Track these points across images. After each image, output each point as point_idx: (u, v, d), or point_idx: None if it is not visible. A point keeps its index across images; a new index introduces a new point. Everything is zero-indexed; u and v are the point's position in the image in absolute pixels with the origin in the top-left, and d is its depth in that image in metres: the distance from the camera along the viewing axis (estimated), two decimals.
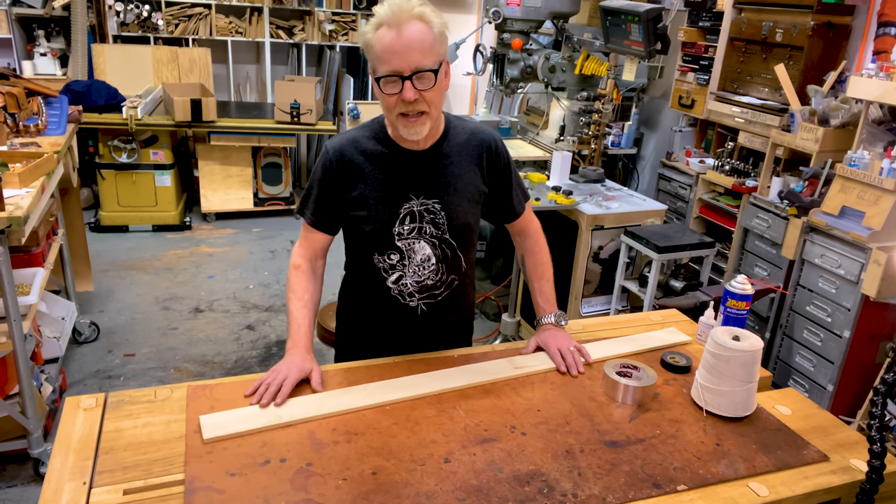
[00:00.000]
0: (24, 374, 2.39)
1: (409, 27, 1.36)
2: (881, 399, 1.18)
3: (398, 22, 1.36)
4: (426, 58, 1.38)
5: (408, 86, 1.38)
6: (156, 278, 4.31)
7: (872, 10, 3.32)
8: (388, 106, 1.44)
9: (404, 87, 1.38)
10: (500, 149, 1.64)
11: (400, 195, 1.54)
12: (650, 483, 1.23)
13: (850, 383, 2.87)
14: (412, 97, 1.39)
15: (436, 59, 1.40)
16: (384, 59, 1.38)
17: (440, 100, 1.47)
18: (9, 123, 2.90)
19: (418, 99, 1.40)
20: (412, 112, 1.42)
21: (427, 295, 1.62)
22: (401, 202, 1.54)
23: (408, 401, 1.43)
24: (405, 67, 1.37)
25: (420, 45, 1.37)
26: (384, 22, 1.37)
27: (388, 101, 1.42)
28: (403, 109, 1.42)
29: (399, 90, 1.39)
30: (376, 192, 1.54)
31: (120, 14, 5.40)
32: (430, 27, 1.39)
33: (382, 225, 1.55)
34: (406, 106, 1.41)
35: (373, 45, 1.39)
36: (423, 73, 1.38)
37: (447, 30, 1.44)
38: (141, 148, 4.85)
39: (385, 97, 1.42)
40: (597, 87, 3.74)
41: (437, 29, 1.40)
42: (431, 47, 1.39)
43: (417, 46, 1.37)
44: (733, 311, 1.66)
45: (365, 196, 1.54)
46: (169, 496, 1.13)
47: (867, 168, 2.75)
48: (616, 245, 3.29)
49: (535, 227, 1.78)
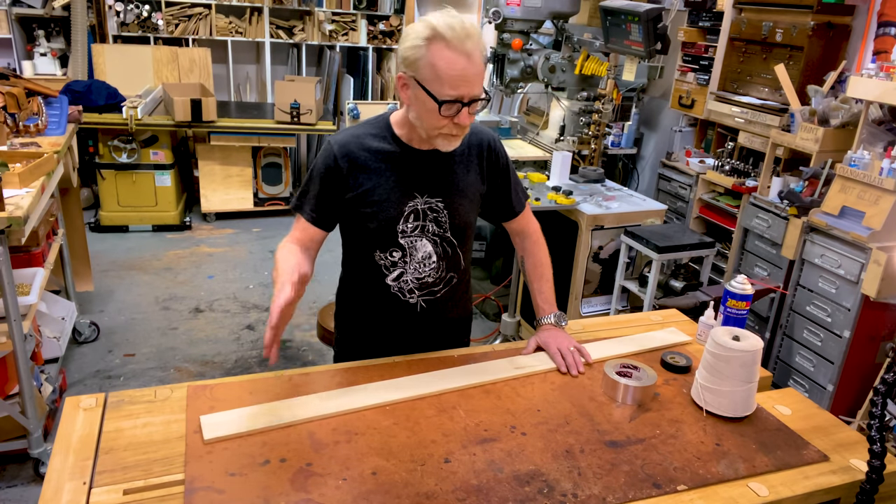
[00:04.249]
0: (24, 374, 2.39)
1: (474, 54, 1.37)
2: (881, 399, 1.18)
3: (463, 46, 1.34)
4: (483, 84, 1.41)
5: (465, 112, 1.40)
6: (156, 278, 4.31)
7: (872, 10, 3.32)
8: (435, 125, 1.43)
9: (461, 112, 1.40)
10: (498, 148, 1.66)
11: (405, 193, 1.55)
12: (650, 483, 1.23)
13: (850, 383, 2.87)
14: (468, 122, 1.42)
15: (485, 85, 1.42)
16: (453, 85, 1.36)
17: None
18: (9, 123, 2.90)
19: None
20: (458, 133, 1.45)
21: (427, 292, 1.63)
22: (405, 200, 1.55)
23: (408, 401, 1.43)
24: (469, 95, 1.39)
25: (482, 75, 1.40)
26: (446, 39, 1.34)
27: (440, 122, 1.42)
28: (453, 131, 1.44)
29: (455, 113, 1.41)
30: (381, 190, 1.54)
31: (120, 14, 5.40)
32: (483, 53, 1.40)
33: (387, 222, 1.55)
34: (456, 129, 1.43)
35: (435, 65, 1.36)
36: (478, 101, 1.41)
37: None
38: (141, 148, 4.85)
39: (437, 117, 1.41)
40: (597, 87, 3.74)
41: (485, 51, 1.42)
42: (485, 74, 1.42)
43: (481, 76, 1.39)
44: (733, 311, 1.66)
45: (369, 193, 1.54)
46: (169, 496, 1.13)
47: (867, 168, 2.75)
48: (616, 245, 3.29)
49: (534, 228, 1.79)
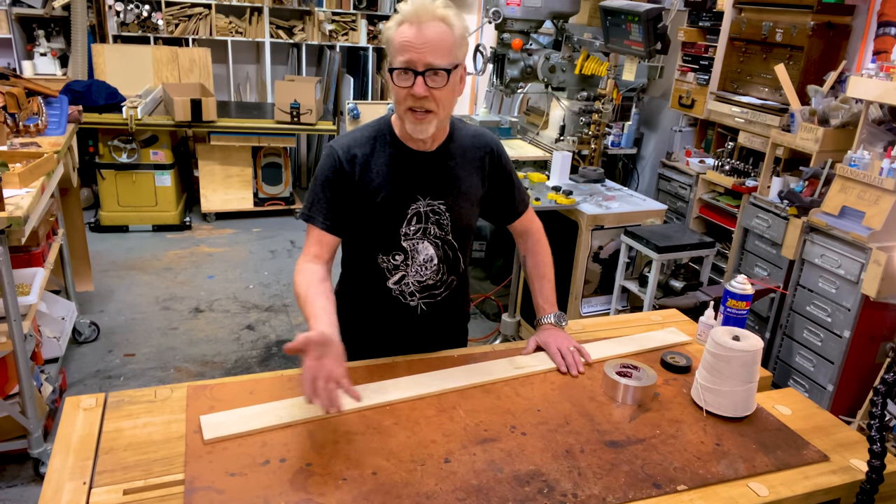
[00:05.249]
0: (24, 374, 2.39)
1: (430, 25, 1.38)
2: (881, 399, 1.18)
3: (420, 20, 1.38)
4: (441, 57, 1.39)
5: (419, 81, 1.39)
6: (156, 278, 4.31)
7: (872, 10, 3.32)
8: (398, 98, 1.45)
9: (416, 82, 1.40)
10: (500, 152, 1.67)
11: (407, 196, 1.54)
12: (650, 483, 1.23)
13: (850, 383, 2.87)
14: (422, 93, 1.40)
15: (451, 61, 1.41)
16: (400, 51, 1.39)
17: (450, 102, 1.48)
18: (9, 123, 2.90)
19: (427, 96, 1.41)
20: (420, 108, 1.43)
21: (427, 294, 1.63)
22: (408, 203, 1.54)
23: (408, 401, 1.43)
24: (419, 62, 1.38)
25: (437, 44, 1.39)
26: (406, 19, 1.40)
27: (399, 94, 1.43)
28: (412, 104, 1.43)
29: (410, 84, 1.40)
30: (384, 192, 1.53)
31: (120, 14, 5.40)
32: (451, 29, 1.41)
33: (390, 225, 1.54)
34: (415, 101, 1.42)
35: (392, 39, 1.41)
36: (436, 71, 1.39)
37: (468, 34, 1.45)
38: (141, 148, 4.84)
39: (396, 89, 1.43)
40: (597, 87, 3.74)
41: (457, 32, 1.42)
42: (449, 49, 1.40)
43: (435, 44, 1.38)
44: (733, 311, 1.66)
45: (373, 196, 1.53)
46: (169, 496, 1.13)
47: (867, 168, 2.75)
48: (616, 245, 3.29)
49: (536, 228, 1.80)
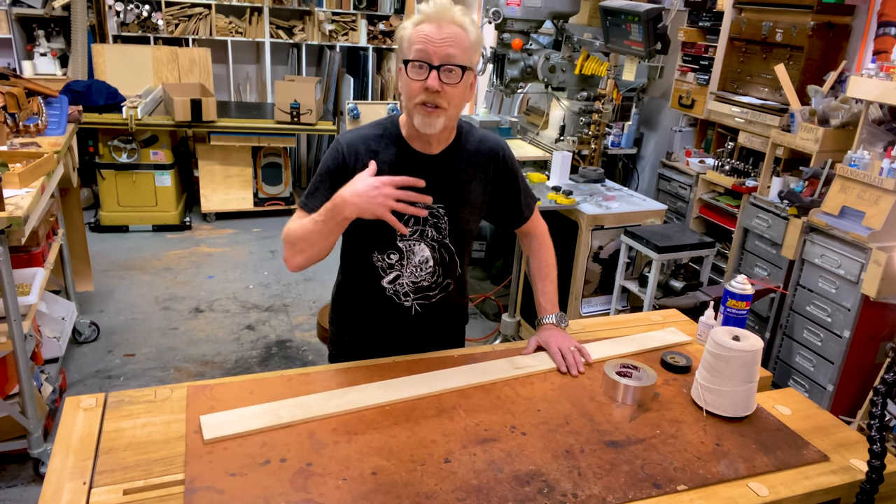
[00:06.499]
0: (24, 374, 2.39)
1: (449, 26, 1.41)
2: (881, 399, 1.18)
3: (440, 20, 1.41)
4: (458, 53, 1.41)
5: (433, 75, 1.41)
6: (156, 278, 4.31)
7: (872, 10, 3.32)
8: (410, 92, 1.45)
9: (430, 75, 1.41)
10: (507, 156, 1.66)
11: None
12: (650, 483, 1.23)
13: (850, 383, 2.87)
14: (435, 86, 1.40)
15: (466, 60, 1.43)
16: (417, 44, 1.41)
17: (461, 102, 1.48)
18: (9, 123, 2.90)
19: (440, 91, 1.41)
20: (431, 102, 1.43)
21: (422, 296, 1.63)
22: None
23: (408, 401, 1.43)
24: (436, 56, 1.40)
25: (455, 42, 1.41)
26: (426, 19, 1.43)
27: (412, 87, 1.43)
28: (425, 98, 1.43)
29: (424, 77, 1.41)
30: None
31: (120, 14, 5.40)
32: (467, 34, 1.43)
33: (386, 224, 1.54)
34: (427, 95, 1.42)
35: (409, 36, 1.43)
36: (451, 67, 1.41)
37: (482, 45, 1.47)
38: (141, 148, 4.85)
39: (409, 82, 1.43)
40: (597, 87, 3.74)
41: (473, 37, 1.44)
42: (465, 49, 1.43)
43: (452, 41, 1.41)
44: (733, 311, 1.66)
45: None
46: (169, 496, 1.13)
47: (867, 168, 2.75)
48: (616, 245, 3.29)
49: (541, 229, 1.80)
